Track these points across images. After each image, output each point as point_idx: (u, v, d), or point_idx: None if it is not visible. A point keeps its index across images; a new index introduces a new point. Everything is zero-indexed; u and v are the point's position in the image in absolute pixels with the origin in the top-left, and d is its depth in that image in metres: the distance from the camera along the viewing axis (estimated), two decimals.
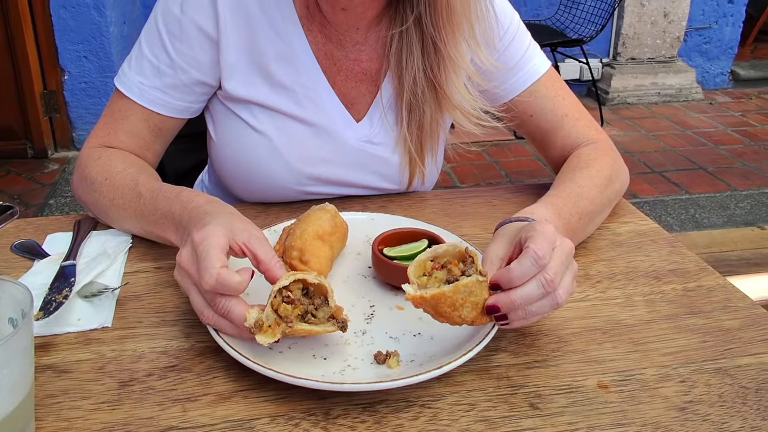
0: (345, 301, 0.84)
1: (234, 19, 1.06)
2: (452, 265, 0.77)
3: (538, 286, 0.75)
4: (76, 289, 0.86)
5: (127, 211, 1.00)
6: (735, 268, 2.78)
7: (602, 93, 5.00)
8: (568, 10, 4.69)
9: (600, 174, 1.09)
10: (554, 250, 0.77)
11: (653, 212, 3.30)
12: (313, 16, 1.10)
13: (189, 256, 0.78)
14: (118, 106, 1.10)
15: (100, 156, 1.07)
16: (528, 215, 0.90)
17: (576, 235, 1.00)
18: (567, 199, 1.00)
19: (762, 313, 0.90)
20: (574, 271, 0.79)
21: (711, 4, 5.19)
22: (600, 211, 1.08)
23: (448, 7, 1.03)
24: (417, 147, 1.16)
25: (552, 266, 0.76)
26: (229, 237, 0.79)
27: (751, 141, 4.35)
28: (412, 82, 1.10)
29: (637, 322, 0.88)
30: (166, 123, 1.11)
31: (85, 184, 1.06)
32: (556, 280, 0.75)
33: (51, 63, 3.74)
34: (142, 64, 1.08)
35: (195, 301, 0.77)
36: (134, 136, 1.10)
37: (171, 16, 1.06)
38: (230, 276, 0.74)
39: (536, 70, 1.18)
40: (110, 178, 1.03)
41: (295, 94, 1.11)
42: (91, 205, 1.07)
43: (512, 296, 0.75)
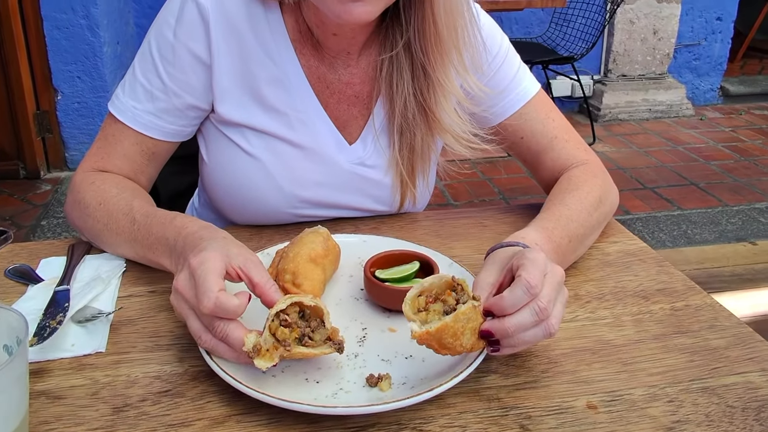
0: (338, 324, 0.84)
1: (227, 44, 1.08)
2: (445, 296, 0.78)
3: (531, 314, 0.76)
4: (70, 314, 0.87)
5: (121, 236, 1.00)
6: (727, 284, 2.80)
7: (594, 110, 5.04)
8: (559, 27, 4.74)
9: (589, 196, 1.10)
10: (545, 278, 0.78)
11: (646, 228, 3.32)
12: (306, 39, 1.12)
13: (186, 281, 0.79)
14: (112, 131, 1.11)
15: (93, 181, 1.08)
16: (519, 240, 0.91)
17: (566, 258, 1.01)
18: (557, 222, 1.02)
19: (748, 332, 0.91)
20: (564, 298, 0.81)
21: (700, 21, 5.25)
22: (590, 233, 1.09)
23: (435, 34, 1.05)
24: (408, 170, 1.17)
25: (545, 294, 0.77)
26: (226, 261, 0.80)
27: (742, 156, 4.39)
28: (402, 105, 1.12)
29: (626, 342, 0.89)
30: (159, 147, 1.12)
31: (79, 208, 1.07)
32: (549, 307, 0.76)
33: (44, 83, 3.76)
34: (135, 88, 1.09)
35: (192, 326, 0.78)
36: (128, 161, 1.11)
37: (164, 40, 1.07)
38: (228, 299, 0.75)
39: (526, 93, 1.20)
40: (104, 203, 1.03)
41: (287, 117, 1.12)
42: (84, 230, 1.08)
43: (506, 323, 0.76)
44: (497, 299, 0.77)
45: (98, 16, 3.65)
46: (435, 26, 1.04)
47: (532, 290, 0.76)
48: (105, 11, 3.74)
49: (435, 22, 1.03)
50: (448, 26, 1.04)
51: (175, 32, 1.06)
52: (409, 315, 0.77)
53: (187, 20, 1.06)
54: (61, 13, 3.62)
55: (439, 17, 1.03)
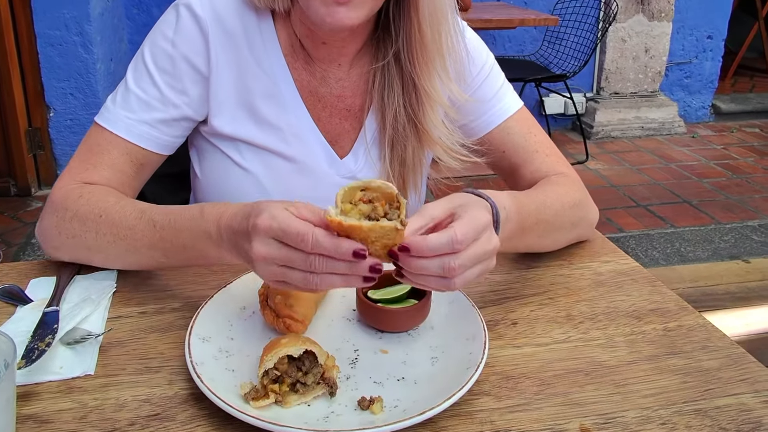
0: (329, 346, 0.85)
1: (224, 57, 1.09)
2: (379, 204, 0.76)
3: (438, 267, 0.76)
4: (59, 336, 0.86)
5: (139, 242, 0.95)
6: (721, 302, 2.80)
7: (587, 127, 5.06)
8: (552, 46, 4.77)
9: (567, 195, 1.11)
10: (476, 242, 0.78)
11: (639, 246, 3.33)
12: (297, 54, 1.13)
13: (266, 244, 0.76)
14: (98, 141, 1.08)
15: (81, 194, 1.02)
16: (491, 195, 0.90)
17: (526, 236, 1.01)
18: (531, 200, 1.03)
19: (740, 353, 0.91)
20: (487, 269, 0.81)
21: (690, 39, 5.29)
22: (560, 227, 1.10)
23: (420, 42, 1.06)
24: (399, 183, 1.18)
25: (463, 257, 0.76)
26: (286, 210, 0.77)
27: (734, 174, 4.41)
28: (393, 118, 1.13)
29: (619, 363, 0.89)
30: (149, 158, 1.10)
31: (71, 226, 1.00)
32: (458, 271, 0.76)
33: (36, 100, 3.75)
34: (128, 99, 1.07)
35: (297, 278, 0.76)
36: (116, 171, 1.07)
37: (161, 52, 1.07)
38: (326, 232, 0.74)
39: (508, 108, 1.22)
40: (106, 214, 0.98)
41: (281, 131, 1.13)
42: (78, 248, 1.01)
43: (413, 262, 0.76)
44: (420, 239, 0.76)
45: (92, 33, 3.66)
46: (420, 32, 1.05)
47: (455, 245, 0.75)
48: (99, 28, 3.75)
49: (420, 28, 1.05)
50: (432, 31, 1.06)
51: (174, 43, 1.07)
52: (337, 200, 0.75)
53: (185, 32, 1.07)
54: (54, 30, 3.62)
55: (424, 22, 1.04)
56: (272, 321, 0.89)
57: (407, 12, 1.05)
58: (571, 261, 1.15)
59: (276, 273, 0.77)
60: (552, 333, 0.95)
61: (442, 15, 1.05)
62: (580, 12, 4.63)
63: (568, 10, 4.69)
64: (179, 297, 1.00)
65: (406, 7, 1.05)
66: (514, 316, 0.99)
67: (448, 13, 1.07)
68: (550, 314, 1.00)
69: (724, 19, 5.29)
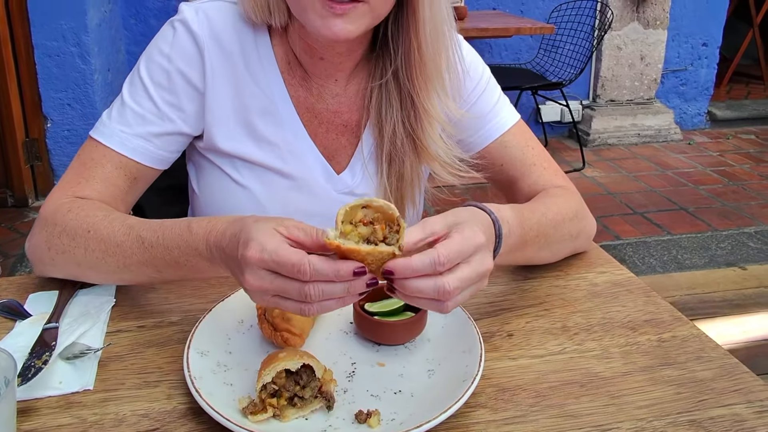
0: (327, 360, 0.85)
1: (220, 74, 1.09)
2: (379, 227, 0.76)
3: (433, 290, 0.75)
4: (57, 352, 0.86)
5: (129, 259, 0.94)
6: (718, 310, 2.81)
7: (583, 134, 5.07)
8: (548, 54, 4.79)
9: (567, 207, 1.12)
10: (469, 264, 0.78)
11: (636, 254, 3.34)
12: (294, 70, 1.13)
13: (260, 277, 0.75)
14: (91, 155, 1.07)
15: (70, 209, 1.00)
16: (493, 210, 0.90)
17: (527, 249, 1.02)
18: (532, 213, 1.03)
19: (734, 363, 0.92)
20: (478, 289, 0.81)
21: (686, 47, 5.32)
22: (560, 239, 1.10)
23: (420, 60, 1.07)
24: (397, 197, 1.18)
25: (457, 277, 0.76)
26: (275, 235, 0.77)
27: (730, 181, 4.42)
28: (391, 133, 1.13)
29: (614, 374, 0.90)
30: (143, 173, 1.09)
31: (60, 241, 0.99)
32: (453, 293, 0.76)
33: (34, 111, 3.76)
34: (124, 113, 1.07)
35: (291, 307, 0.76)
36: (109, 185, 1.06)
37: (157, 67, 1.08)
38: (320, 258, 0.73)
39: (505, 121, 1.22)
40: (95, 229, 0.97)
41: (278, 148, 1.14)
42: (67, 264, 1.00)
43: (406, 285, 0.76)
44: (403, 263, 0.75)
45: (89, 43, 3.67)
46: (420, 51, 1.06)
47: (437, 267, 0.75)
48: (96, 39, 3.76)
49: (420, 48, 1.06)
50: (432, 50, 1.06)
51: (170, 58, 1.07)
52: (338, 221, 0.75)
53: (182, 48, 1.07)
54: (52, 41, 3.63)
55: (424, 41, 1.05)
56: (270, 335, 0.90)
57: (406, 31, 1.05)
58: (567, 272, 1.15)
59: (271, 302, 0.77)
60: (547, 344, 0.96)
61: (441, 34, 1.06)
62: (575, 20, 4.66)
63: (564, 18, 4.72)
64: (177, 311, 1.01)
65: (405, 26, 1.05)
66: (510, 328, 0.99)
67: (447, 30, 1.07)
68: (545, 325, 1.00)
69: (718, 27, 5.32)
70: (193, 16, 1.08)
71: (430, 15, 1.03)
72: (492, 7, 4.85)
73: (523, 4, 4.92)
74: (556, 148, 4.98)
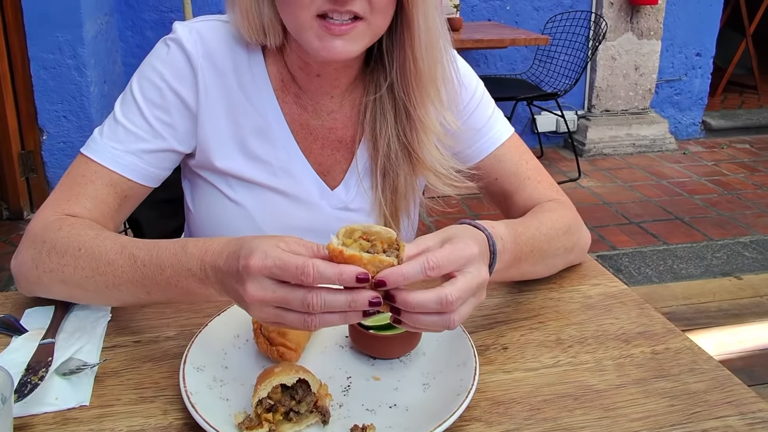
0: (322, 374, 0.86)
1: (213, 93, 1.10)
2: (379, 243, 0.77)
3: (436, 303, 0.75)
4: (54, 368, 0.87)
5: (120, 278, 0.92)
6: (714, 320, 2.82)
7: (579, 144, 5.09)
8: (543, 64, 4.82)
9: (560, 221, 1.13)
10: (465, 275, 0.78)
11: (632, 264, 3.34)
12: (288, 87, 1.14)
13: (262, 285, 0.74)
14: (81, 172, 1.06)
15: (60, 227, 0.98)
16: (488, 227, 0.91)
17: (522, 264, 1.03)
18: (526, 228, 1.04)
19: (726, 375, 0.93)
20: (478, 301, 0.81)
21: (679, 57, 5.35)
22: (554, 254, 1.11)
23: (416, 72, 1.08)
24: (392, 210, 1.19)
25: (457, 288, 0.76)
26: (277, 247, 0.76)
27: (725, 190, 4.44)
28: (386, 146, 1.14)
29: (608, 387, 0.90)
30: (133, 190, 1.09)
31: (49, 259, 0.96)
32: (456, 305, 0.76)
33: (29, 123, 3.76)
34: (116, 130, 1.07)
35: (293, 319, 0.75)
36: (99, 203, 1.05)
37: (149, 83, 1.08)
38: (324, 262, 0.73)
39: (500, 135, 1.23)
40: (85, 247, 0.94)
41: (271, 166, 1.14)
42: (55, 284, 0.97)
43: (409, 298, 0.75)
44: (393, 270, 0.74)
45: (85, 56, 3.68)
46: (415, 64, 1.07)
47: (428, 271, 0.75)
48: (92, 51, 3.77)
49: (415, 60, 1.06)
50: (427, 62, 1.07)
51: (163, 76, 1.08)
52: (339, 233, 0.76)
53: (175, 66, 1.08)
54: (48, 54, 3.64)
55: (419, 54, 1.06)
56: (266, 349, 0.91)
57: (401, 44, 1.06)
58: (561, 284, 1.16)
59: (271, 314, 0.76)
60: (542, 357, 0.96)
61: (436, 45, 1.07)
62: (570, 31, 4.69)
63: (559, 29, 4.74)
64: (174, 325, 1.01)
65: (401, 39, 1.06)
66: (505, 341, 1.00)
67: (442, 43, 1.08)
68: (540, 338, 1.01)
69: (712, 37, 5.35)
70: (187, 35, 1.08)
71: (425, 27, 1.04)
72: (487, 18, 4.87)
73: (517, 15, 4.95)
74: (552, 158, 5.00)
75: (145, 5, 4.41)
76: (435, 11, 1.05)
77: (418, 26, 1.03)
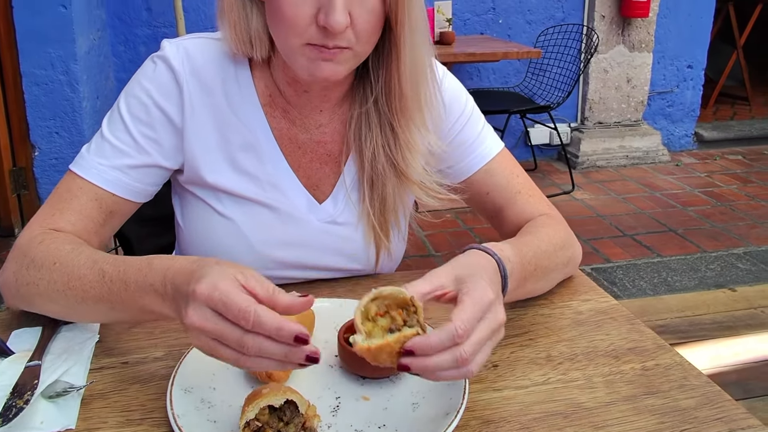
0: (311, 394, 0.85)
1: (201, 109, 1.10)
2: (396, 313, 0.78)
3: (452, 360, 0.77)
4: (40, 391, 0.86)
5: (88, 294, 0.92)
6: (709, 332, 2.81)
7: (572, 157, 5.11)
8: (536, 77, 4.83)
9: (556, 236, 1.15)
10: (481, 323, 0.80)
11: (627, 276, 3.34)
12: (276, 102, 1.15)
13: (201, 313, 0.74)
14: (68, 187, 1.07)
15: (42, 240, 1.00)
16: (496, 250, 0.94)
17: (527, 284, 1.04)
18: (528, 247, 1.06)
19: (716, 391, 0.92)
20: (495, 343, 0.82)
21: (671, 69, 5.37)
22: (554, 269, 1.13)
23: (400, 95, 1.09)
24: (380, 221, 1.19)
25: (472, 341, 0.78)
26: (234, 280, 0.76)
27: (718, 202, 4.45)
28: (372, 157, 1.15)
29: (597, 404, 0.90)
30: (119, 206, 1.09)
31: (28, 273, 0.98)
32: (470, 358, 0.77)
33: (21, 140, 3.75)
34: (102, 147, 1.08)
35: (227, 355, 0.75)
36: (83, 218, 1.06)
37: (136, 101, 1.09)
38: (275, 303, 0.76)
39: (490, 150, 1.24)
40: (60, 262, 0.95)
41: (259, 180, 1.15)
42: (33, 297, 0.98)
43: (426, 362, 0.76)
44: (423, 339, 0.76)
45: (78, 71, 3.68)
46: (400, 86, 1.08)
47: (457, 339, 0.76)
48: (85, 67, 3.77)
49: (400, 83, 1.07)
50: (411, 87, 1.08)
51: (149, 93, 1.09)
52: (358, 324, 0.77)
53: (160, 83, 1.09)
54: (40, 70, 3.64)
55: (404, 78, 1.07)
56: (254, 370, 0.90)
57: (387, 65, 1.07)
58: (551, 300, 1.16)
59: (207, 345, 0.76)
60: (531, 375, 0.96)
61: (421, 72, 1.08)
62: (562, 44, 4.71)
63: (551, 42, 4.76)
64: (162, 345, 1.01)
65: (386, 59, 1.07)
66: (495, 358, 1.00)
67: (428, 69, 1.10)
68: (530, 355, 1.01)
69: (703, 49, 5.38)
70: (174, 52, 1.09)
71: (411, 56, 1.05)
72: (479, 31, 4.89)
73: (510, 29, 4.97)
74: (546, 171, 5.01)
75: (138, 20, 4.42)
76: (422, 39, 1.06)
77: (404, 54, 1.05)
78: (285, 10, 0.97)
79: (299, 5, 0.96)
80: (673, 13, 5.22)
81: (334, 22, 0.94)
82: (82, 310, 0.95)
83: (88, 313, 0.97)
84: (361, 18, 0.98)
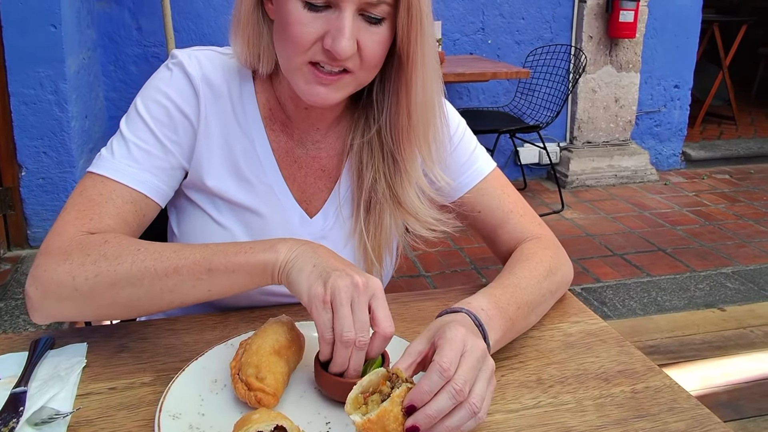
0: (301, 419, 0.85)
1: (212, 114, 1.13)
2: (381, 386, 0.81)
3: (449, 398, 0.78)
4: (25, 418, 0.85)
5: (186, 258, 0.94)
6: (698, 352, 2.82)
7: (561, 176, 5.13)
8: (525, 97, 4.87)
9: (540, 266, 1.15)
10: (463, 357, 0.81)
11: (616, 296, 3.35)
12: (276, 116, 1.17)
13: (346, 287, 0.87)
14: (99, 191, 1.05)
15: (105, 239, 0.98)
16: (464, 305, 0.97)
17: (516, 324, 1.04)
18: (505, 289, 1.06)
19: (706, 414, 0.92)
20: (488, 375, 0.83)
21: (658, 89, 5.43)
22: (541, 301, 1.12)
23: (408, 127, 1.11)
24: (374, 245, 1.20)
25: (460, 374, 0.79)
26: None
27: (706, 221, 4.47)
28: (372, 182, 1.16)
29: (588, 428, 0.90)
30: (150, 209, 1.09)
31: (95, 266, 0.94)
32: (465, 389, 0.78)
33: (8, 159, 3.72)
34: (128, 149, 1.08)
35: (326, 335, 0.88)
36: (121, 221, 1.04)
37: (155, 103, 1.10)
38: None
39: (482, 170, 1.26)
40: (145, 246, 0.96)
41: (255, 189, 1.17)
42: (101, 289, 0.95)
43: (427, 411, 0.77)
44: (415, 389, 0.79)
45: (67, 91, 3.67)
46: (409, 119, 1.10)
47: (445, 373, 0.78)
48: (74, 86, 3.76)
49: (410, 116, 1.09)
50: (420, 120, 1.10)
51: (168, 95, 1.10)
52: (350, 411, 0.79)
53: (179, 86, 1.11)
54: (29, 89, 3.62)
55: (414, 111, 1.09)
56: (243, 395, 0.89)
57: (396, 98, 1.09)
58: (541, 322, 1.16)
59: (320, 314, 0.88)
60: (522, 398, 0.96)
61: (430, 105, 1.10)
62: (550, 64, 4.75)
63: (539, 62, 4.80)
64: (150, 370, 1.00)
65: (394, 90, 1.09)
66: None
67: (437, 107, 1.12)
68: (520, 378, 1.01)
69: (689, 69, 5.44)
70: (187, 59, 1.12)
71: (423, 91, 1.07)
72: (469, 51, 4.93)
73: (499, 49, 5.01)
74: (536, 190, 5.03)
75: (129, 40, 4.42)
76: (434, 77, 1.08)
77: (415, 90, 1.07)
78: (292, 29, 0.99)
79: (307, 25, 0.98)
80: (660, 33, 5.28)
81: (341, 48, 0.96)
82: (170, 282, 0.95)
83: (175, 286, 0.95)
84: (368, 47, 1.00)
